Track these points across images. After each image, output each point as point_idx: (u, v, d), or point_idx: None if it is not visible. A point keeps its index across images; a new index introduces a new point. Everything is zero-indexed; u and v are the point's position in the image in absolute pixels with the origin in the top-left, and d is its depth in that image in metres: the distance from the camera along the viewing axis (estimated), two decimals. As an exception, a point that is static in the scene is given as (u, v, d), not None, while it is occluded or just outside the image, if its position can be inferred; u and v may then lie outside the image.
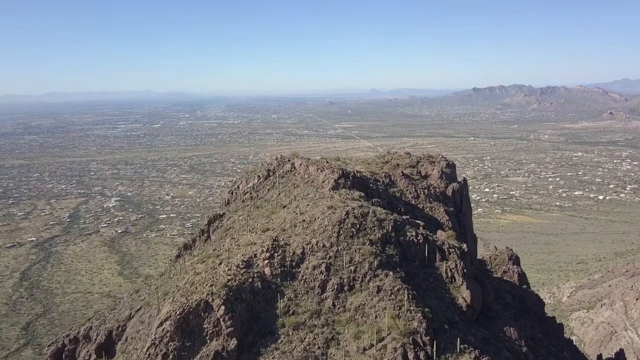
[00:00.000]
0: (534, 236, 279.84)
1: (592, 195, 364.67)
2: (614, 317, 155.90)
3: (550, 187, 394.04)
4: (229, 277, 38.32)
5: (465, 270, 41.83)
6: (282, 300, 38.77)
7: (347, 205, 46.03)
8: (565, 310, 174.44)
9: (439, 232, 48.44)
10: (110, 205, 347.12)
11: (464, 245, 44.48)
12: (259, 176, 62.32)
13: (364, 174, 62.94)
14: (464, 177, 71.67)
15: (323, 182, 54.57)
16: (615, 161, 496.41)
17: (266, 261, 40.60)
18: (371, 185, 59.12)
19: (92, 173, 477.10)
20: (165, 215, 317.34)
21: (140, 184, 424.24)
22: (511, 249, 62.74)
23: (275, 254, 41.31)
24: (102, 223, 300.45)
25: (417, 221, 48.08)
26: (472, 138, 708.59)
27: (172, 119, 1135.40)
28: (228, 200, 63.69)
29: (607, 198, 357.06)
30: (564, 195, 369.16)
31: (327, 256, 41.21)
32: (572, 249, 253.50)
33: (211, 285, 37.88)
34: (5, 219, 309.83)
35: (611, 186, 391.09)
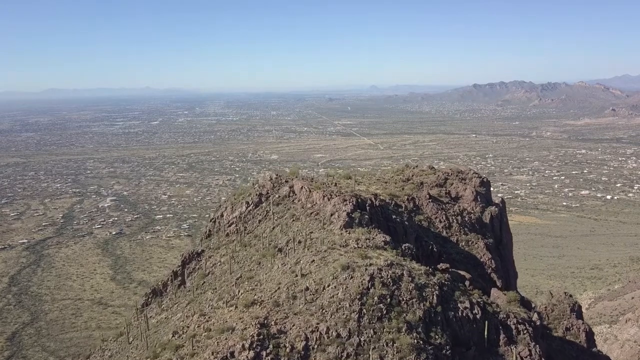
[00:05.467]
0: (541, 238, 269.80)
1: (599, 195, 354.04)
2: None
3: (556, 186, 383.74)
4: (188, 400, 24.49)
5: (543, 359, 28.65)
6: None
7: (370, 264, 31.83)
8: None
9: (494, 292, 34.94)
10: (106, 205, 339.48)
11: (535, 316, 31.17)
12: (247, 202, 48.32)
13: (381, 197, 49.35)
14: (501, 199, 58.26)
15: (332, 215, 40.42)
16: (620, 159, 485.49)
17: (249, 365, 26.68)
18: (394, 216, 45.10)
19: (88, 171, 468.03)
20: (161, 216, 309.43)
21: (137, 182, 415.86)
22: (570, 295, 49.21)
23: (264, 351, 26.95)
24: (96, 224, 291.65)
25: (462, 273, 34.76)
26: (474, 135, 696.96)
27: (170, 116, 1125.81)
28: (209, 231, 49.92)
29: (615, 198, 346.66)
30: (570, 194, 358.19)
31: (344, 354, 26.97)
32: (583, 253, 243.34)
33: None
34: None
35: (618, 185, 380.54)
